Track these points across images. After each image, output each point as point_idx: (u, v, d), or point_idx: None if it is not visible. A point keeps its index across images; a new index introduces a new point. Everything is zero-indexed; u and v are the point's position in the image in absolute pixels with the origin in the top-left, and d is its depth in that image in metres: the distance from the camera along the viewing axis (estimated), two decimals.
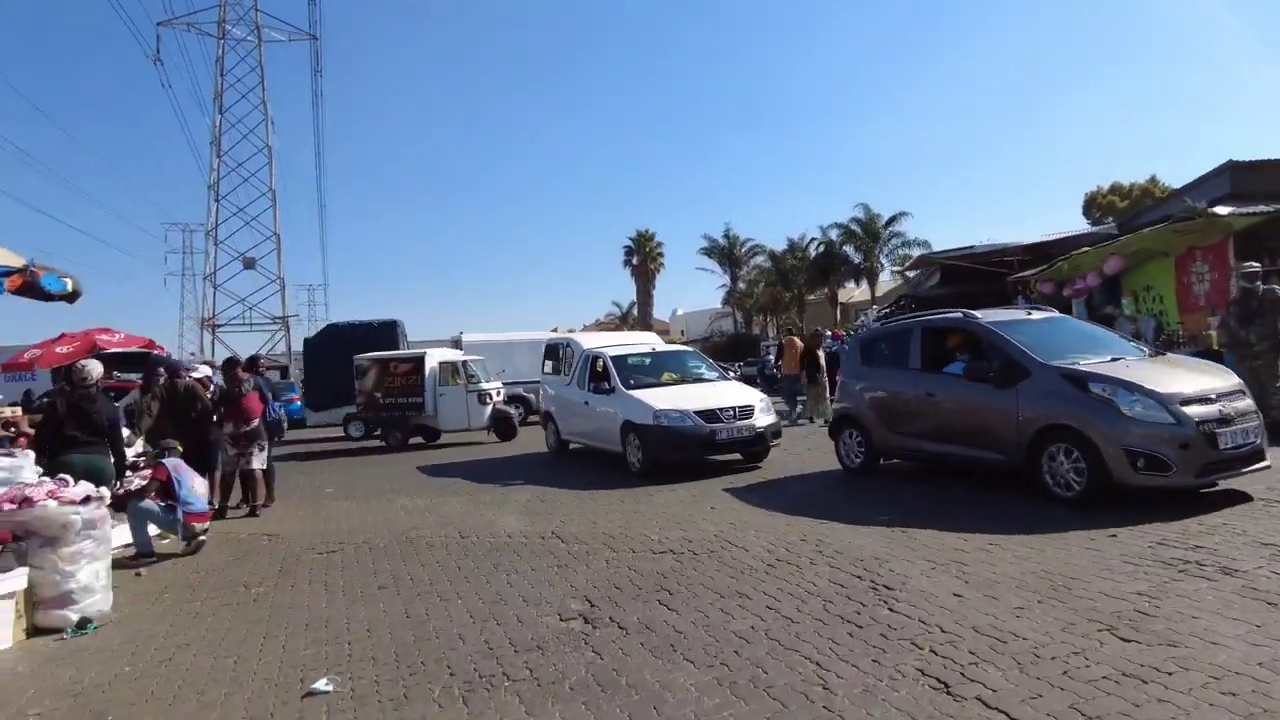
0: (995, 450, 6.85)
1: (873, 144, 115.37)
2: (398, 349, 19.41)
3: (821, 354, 14.87)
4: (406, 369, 16.37)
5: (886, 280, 49.81)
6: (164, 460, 7.28)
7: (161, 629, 5.06)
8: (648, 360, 11.28)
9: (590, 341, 11.98)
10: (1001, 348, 6.87)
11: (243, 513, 9.14)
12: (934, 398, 7.47)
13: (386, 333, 19.54)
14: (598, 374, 10.93)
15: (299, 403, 26.79)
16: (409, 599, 5.39)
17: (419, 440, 17.26)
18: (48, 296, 7.75)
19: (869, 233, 48.33)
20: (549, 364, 13.13)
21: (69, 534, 5.18)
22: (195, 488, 7.24)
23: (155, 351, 11.14)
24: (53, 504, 5.19)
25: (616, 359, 10.80)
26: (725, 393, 10.29)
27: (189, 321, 38.93)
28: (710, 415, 9.47)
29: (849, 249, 50.45)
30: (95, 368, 7.05)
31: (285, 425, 9.74)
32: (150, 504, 6.96)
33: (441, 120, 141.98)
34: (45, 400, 7.57)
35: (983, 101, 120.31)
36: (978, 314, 7.52)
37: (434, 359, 16.68)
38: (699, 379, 10.97)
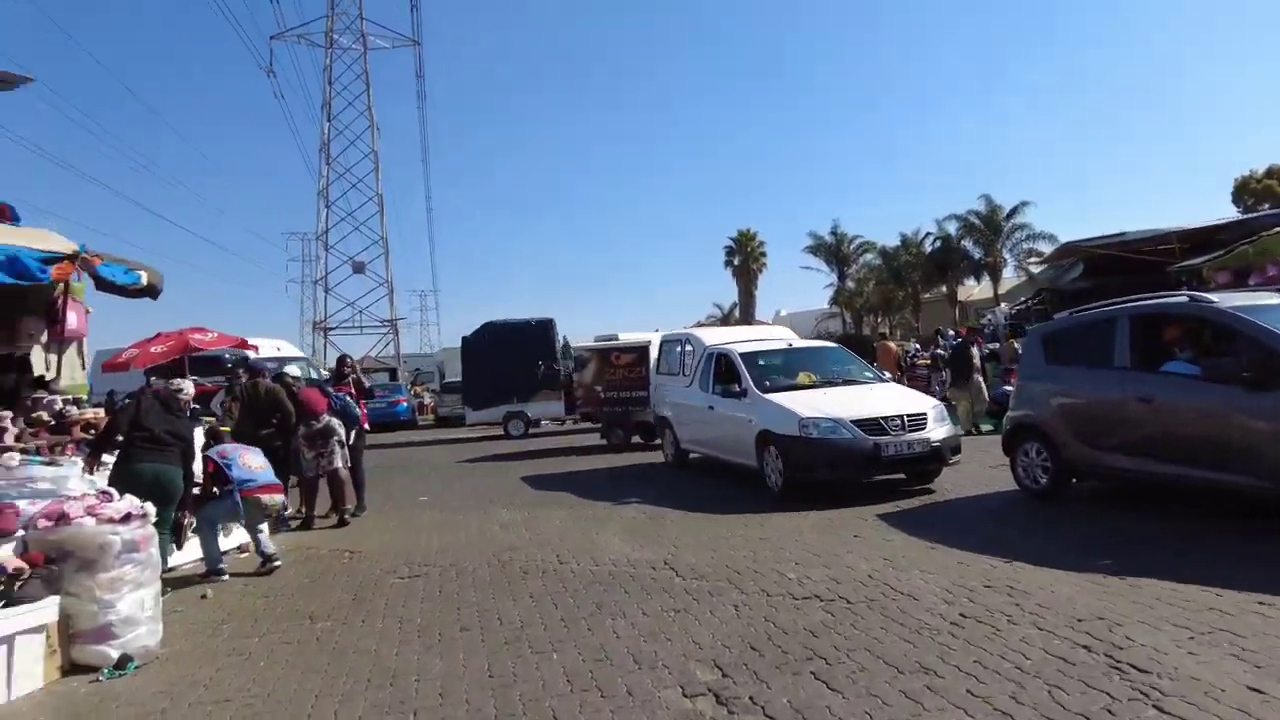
0: (1248, 473, 5.22)
1: (991, 134, 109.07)
2: (554, 347, 19.16)
3: (975, 352, 13.03)
4: (630, 360, 14.81)
5: (1010, 276, 46.61)
6: (208, 453, 6.60)
7: (206, 674, 4.22)
8: (785, 358, 9.78)
9: (713, 337, 10.72)
10: (1258, 339, 5.24)
11: (331, 522, 8.46)
12: (1151, 403, 5.86)
13: (543, 331, 19.24)
14: (724, 374, 9.57)
15: (405, 404, 26.92)
16: (494, 648, 4.36)
17: (638, 440, 14.98)
18: (119, 290, 7.26)
19: (990, 225, 45.00)
20: (665, 363, 11.94)
21: (107, 557, 4.42)
22: (248, 462, 6.52)
23: (248, 351, 10.72)
24: (90, 521, 4.45)
25: (747, 356, 9.40)
26: (888, 398, 8.63)
27: (307, 325, 40.16)
28: (872, 425, 7.80)
29: (968, 243, 47.45)
30: (190, 388, 6.48)
31: (359, 415, 8.93)
32: (211, 508, 6.28)
33: (538, 124, 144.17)
34: (127, 400, 7.03)
35: (1110, 81, 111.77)
36: (1211, 296, 5.91)
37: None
38: (850, 380, 9.32)
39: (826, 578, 5.27)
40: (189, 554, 6.69)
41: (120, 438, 5.96)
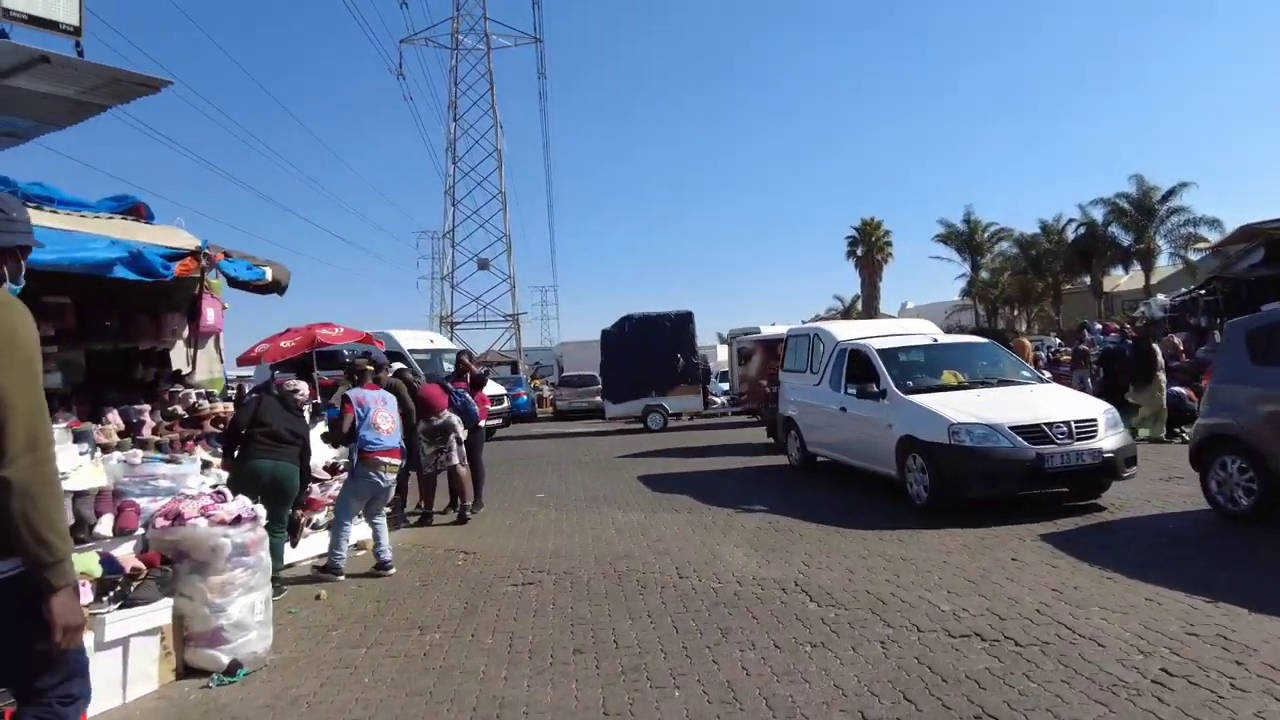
0: None
1: (1137, 114, 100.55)
2: (693, 340, 18.98)
3: (1159, 350, 11.48)
4: None
5: (1164, 265, 42.63)
6: (346, 392, 6.53)
7: (311, 688, 4.03)
8: (929, 355, 8.87)
9: (845, 331, 9.95)
10: None
11: (450, 519, 8.37)
12: None
13: (683, 324, 19.07)
14: (859, 373, 8.79)
15: (525, 398, 27.24)
16: (609, 677, 3.95)
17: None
18: (245, 285, 7.34)
19: (1142, 209, 40.87)
20: (791, 359, 11.22)
21: (219, 560, 4.31)
22: (378, 422, 6.41)
23: (370, 346, 10.82)
24: (203, 523, 4.35)
25: (886, 353, 8.59)
26: (1051, 400, 7.66)
27: (435, 320, 41.69)
28: (1034, 432, 6.86)
29: (1115, 229, 43.64)
30: (304, 388, 6.46)
31: (477, 412, 8.79)
32: (348, 492, 6.34)
33: (658, 121, 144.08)
34: (252, 395, 7.10)
35: (1271, 51, 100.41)
36: None
37: None
38: (1005, 380, 8.34)
39: (986, 610, 4.57)
40: (307, 549, 6.67)
41: (242, 434, 5.96)
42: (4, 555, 1.96)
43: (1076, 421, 6.99)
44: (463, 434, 8.39)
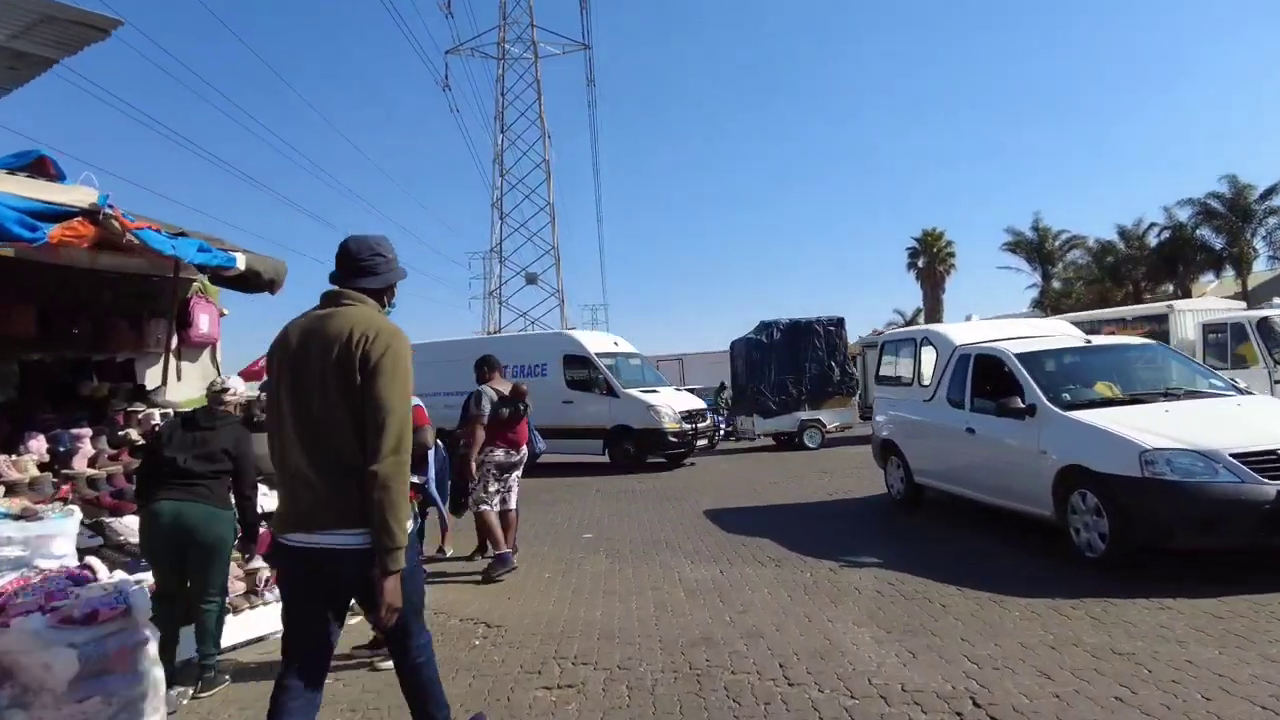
0: None
1: (1220, 118, 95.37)
2: (846, 347, 17.66)
3: None
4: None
5: (1262, 269, 39.59)
6: (417, 402, 4.90)
7: None
8: (1086, 360, 6.92)
9: (964, 334, 8.02)
10: None
11: (477, 565, 6.76)
12: None
13: (837, 329, 17.51)
14: (990, 384, 6.94)
15: None
16: None
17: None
18: (222, 280, 5.86)
19: (1237, 210, 37.94)
20: (887, 369, 9.35)
21: (55, 681, 2.65)
22: None
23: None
24: (35, 621, 2.70)
25: (1029, 358, 6.64)
26: (1270, 416, 5.80)
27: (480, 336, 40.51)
28: (1266, 462, 4.98)
29: (1205, 232, 40.72)
30: (239, 384, 4.90)
31: (541, 450, 7.37)
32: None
33: (708, 131, 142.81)
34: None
35: None
36: None
37: None
38: (1193, 392, 6.35)
39: None
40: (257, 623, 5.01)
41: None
42: (361, 526, 2.38)
43: None
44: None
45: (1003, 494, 6.63)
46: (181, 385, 7.11)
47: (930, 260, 52.11)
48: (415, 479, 4.35)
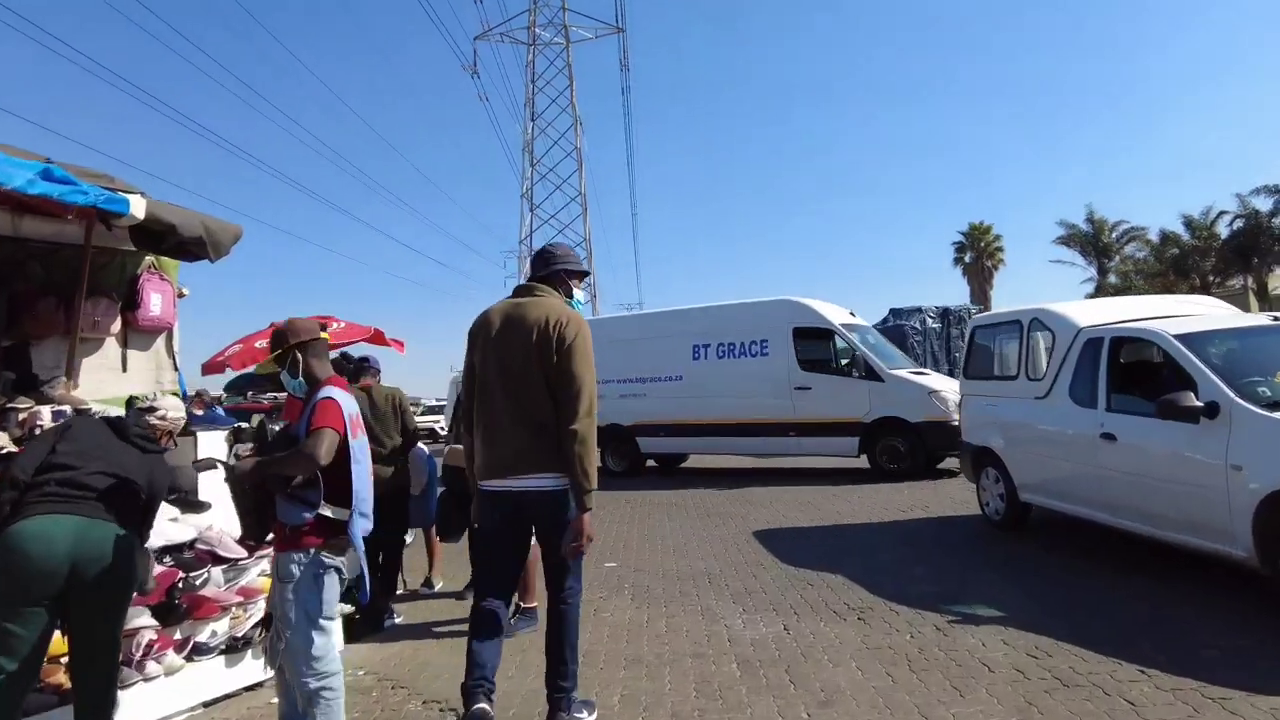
0: None
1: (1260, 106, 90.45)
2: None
3: None
4: None
5: None
6: (330, 393, 3.21)
7: None
8: (1267, 342, 5.14)
9: (1088, 313, 6.26)
10: None
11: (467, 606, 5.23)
12: None
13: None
14: (1133, 376, 5.34)
15: None
16: None
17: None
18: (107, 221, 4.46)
19: None
20: (980, 360, 7.55)
21: None
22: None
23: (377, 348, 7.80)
24: None
25: (1196, 340, 4.93)
26: None
27: None
28: None
29: None
30: (173, 409, 3.58)
31: None
32: (310, 588, 2.90)
33: (747, 121, 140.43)
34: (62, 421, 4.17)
35: None
36: None
37: None
38: None
39: None
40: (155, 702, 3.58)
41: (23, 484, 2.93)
42: (560, 472, 2.98)
43: None
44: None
45: (1160, 522, 4.94)
46: (128, 378, 5.86)
47: (978, 255, 50.11)
48: (328, 512, 2.83)
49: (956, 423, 9.09)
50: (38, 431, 4.29)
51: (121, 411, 4.72)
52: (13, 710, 2.71)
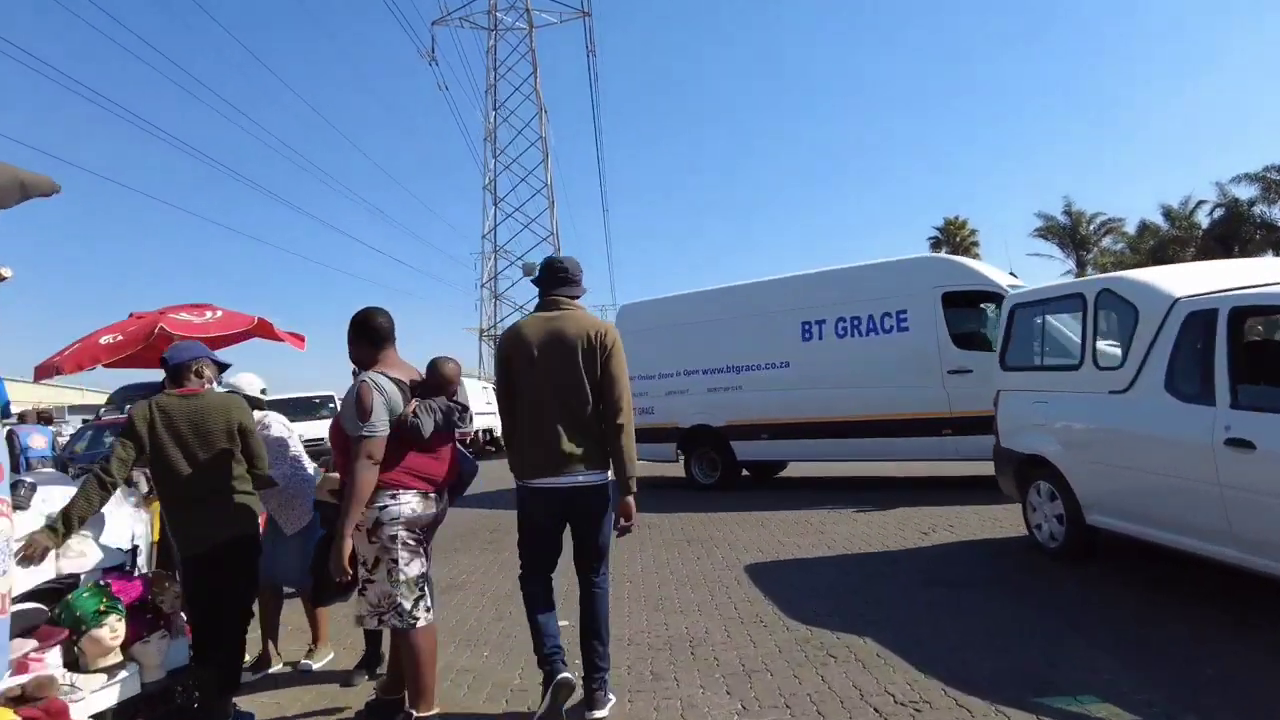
0: None
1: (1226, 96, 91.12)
2: None
3: None
4: None
5: None
6: None
7: None
8: None
9: (1185, 281, 4.67)
10: None
11: (358, 694, 3.66)
12: None
13: None
14: (1264, 362, 3.97)
15: None
16: None
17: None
18: None
19: None
20: (1023, 346, 5.99)
21: None
22: None
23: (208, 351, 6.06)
24: None
25: None
26: None
27: (476, 335, 36.86)
28: None
29: (1263, 209, 38.20)
30: None
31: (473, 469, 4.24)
32: None
33: (716, 113, 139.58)
34: None
35: None
36: None
37: None
38: None
39: None
40: None
41: None
42: (603, 468, 3.38)
43: None
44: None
45: None
46: None
47: (954, 249, 49.76)
48: None
49: None
50: None
51: None
52: None
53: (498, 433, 21.08)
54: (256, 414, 4.31)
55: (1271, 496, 3.69)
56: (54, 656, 2.90)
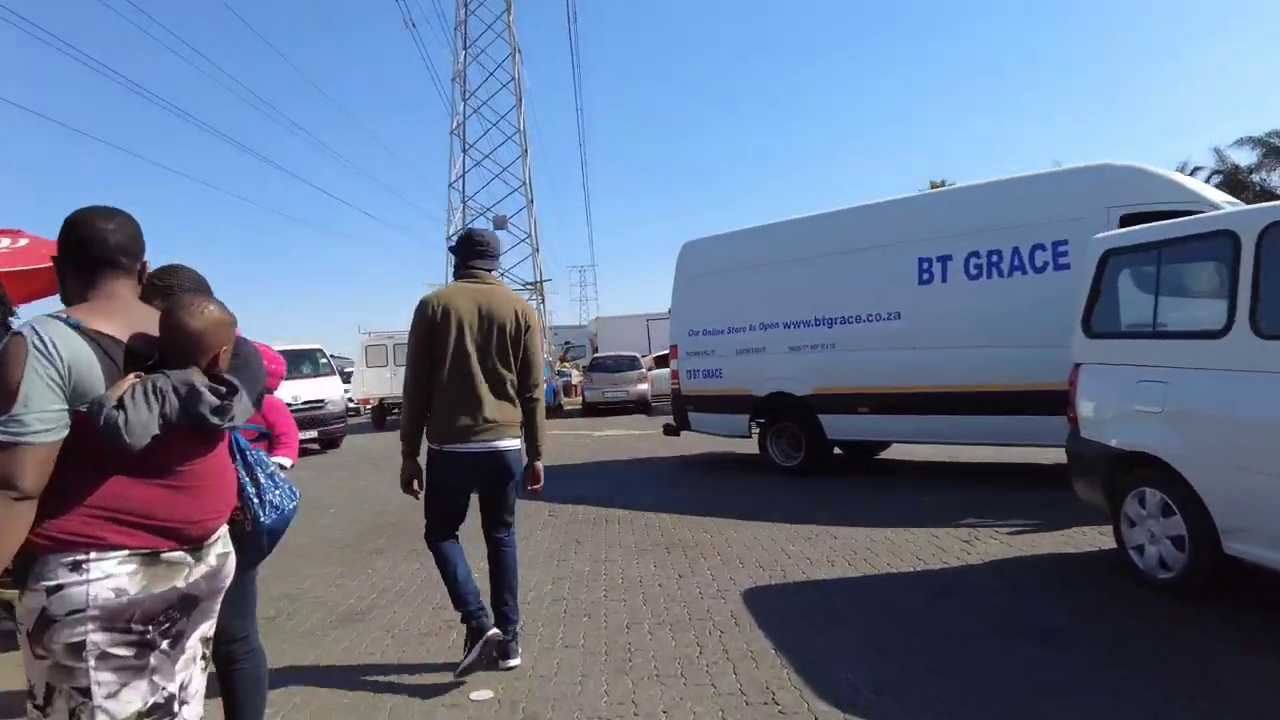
0: None
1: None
2: None
3: None
4: None
5: None
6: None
7: None
8: None
9: None
10: None
11: None
12: None
13: None
14: None
15: (549, 385, 20.82)
16: None
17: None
18: None
19: None
20: (1111, 307, 4.50)
21: None
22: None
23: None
24: None
25: None
26: None
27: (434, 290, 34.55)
28: None
29: (1263, 176, 37.21)
30: None
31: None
32: None
33: (700, 76, 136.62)
34: None
35: None
36: None
37: None
38: None
39: None
40: None
41: None
42: (517, 437, 3.54)
43: None
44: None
45: None
46: None
47: None
48: None
49: None
50: None
51: None
52: None
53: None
54: None
55: None
56: None
